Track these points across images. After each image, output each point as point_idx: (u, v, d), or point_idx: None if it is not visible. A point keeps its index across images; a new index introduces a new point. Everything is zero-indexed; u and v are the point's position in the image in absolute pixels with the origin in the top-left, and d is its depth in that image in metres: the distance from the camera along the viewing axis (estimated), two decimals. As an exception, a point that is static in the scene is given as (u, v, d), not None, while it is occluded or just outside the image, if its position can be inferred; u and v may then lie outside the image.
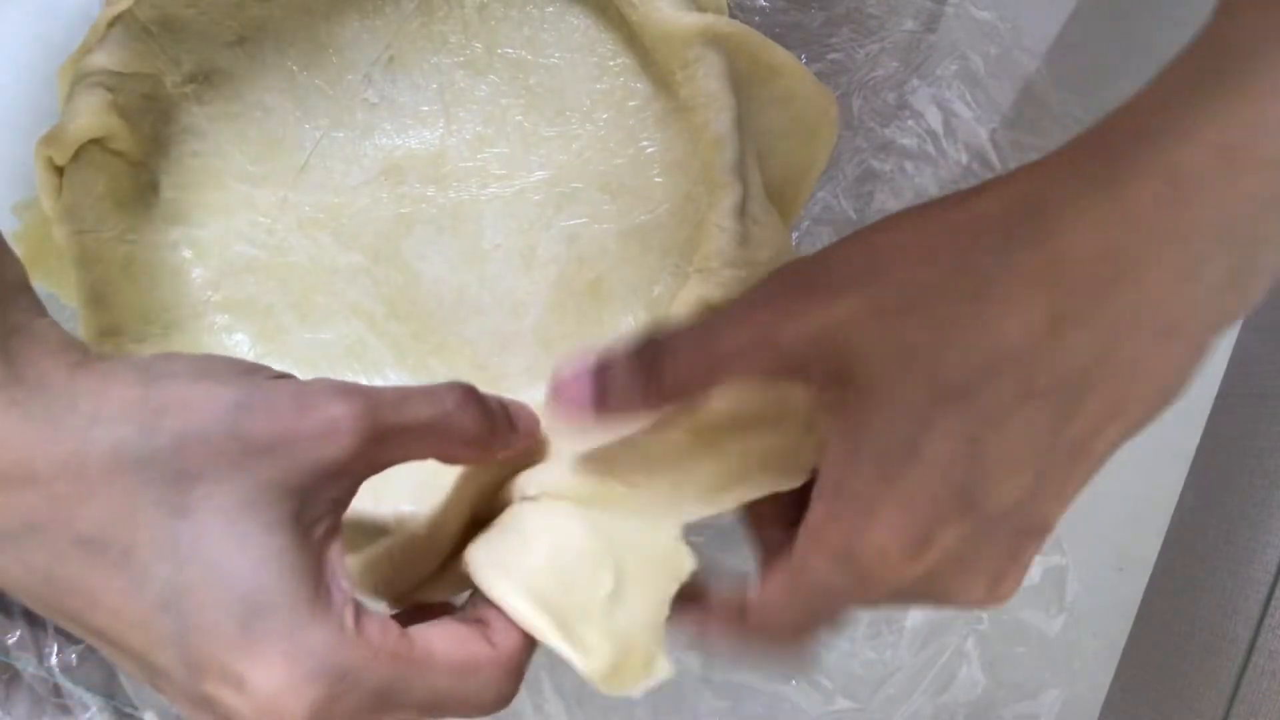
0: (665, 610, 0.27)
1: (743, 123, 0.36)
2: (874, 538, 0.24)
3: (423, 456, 0.27)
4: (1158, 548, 0.44)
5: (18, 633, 0.45)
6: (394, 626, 0.25)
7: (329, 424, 0.24)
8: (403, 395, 0.26)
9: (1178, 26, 0.29)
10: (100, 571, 0.22)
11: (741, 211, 0.35)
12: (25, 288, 0.25)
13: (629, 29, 0.38)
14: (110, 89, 0.37)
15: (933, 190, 0.43)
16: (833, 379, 0.25)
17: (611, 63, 0.39)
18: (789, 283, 0.26)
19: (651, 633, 0.27)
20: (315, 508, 0.25)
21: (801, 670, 0.29)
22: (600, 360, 0.27)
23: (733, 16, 0.38)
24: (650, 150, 0.39)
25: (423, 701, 0.24)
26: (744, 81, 0.37)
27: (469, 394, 0.28)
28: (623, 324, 0.39)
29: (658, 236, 0.39)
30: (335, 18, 0.40)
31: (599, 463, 0.29)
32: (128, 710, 0.45)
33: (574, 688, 0.43)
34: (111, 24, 0.37)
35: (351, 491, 0.26)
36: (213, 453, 0.23)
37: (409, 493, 0.37)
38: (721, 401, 0.28)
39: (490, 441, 0.28)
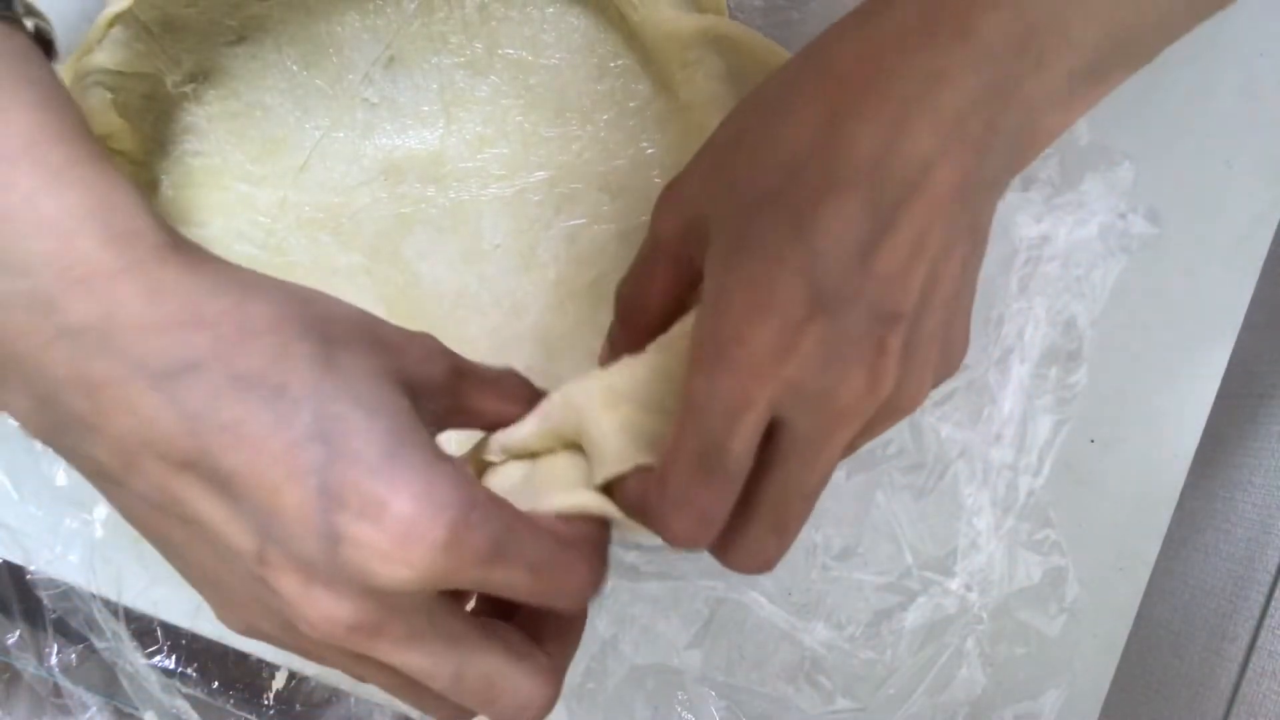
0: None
1: (743, 123, 0.36)
2: (738, 331, 0.25)
3: (485, 414, 0.31)
4: (1158, 548, 0.44)
5: (17, 633, 0.45)
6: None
7: (429, 348, 0.29)
8: (481, 371, 0.31)
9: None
10: (252, 406, 0.24)
11: (741, 212, 0.35)
12: None
13: (629, 30, 0.38)
14: (111, 88, 0.37)
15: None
16: (701, 248, 0.28)
17: (612, 64, 0.39)
18: (660, 198, 0.31)
19: None
20: (421, 413, 0.27)
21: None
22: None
23: (732, 17, 0.38)
24: (650, 151, 0.39)
25: (531, 561, 0.26)
26: (744, 82, 0.37)
27: (518, 379, 0.33)
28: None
29: (658, 237, 0.39)
30: (335, 17, 0.40)
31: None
32: (128, 710, 0.45)
33: (572, 687, 0.43)
34: (112, 23, 0.37)
35: (438, 420, 0.29)
36: (353, 336, 0.26)
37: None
38: (622, 374, 0.31)
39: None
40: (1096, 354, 0.42)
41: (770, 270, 0.25)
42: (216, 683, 0.45)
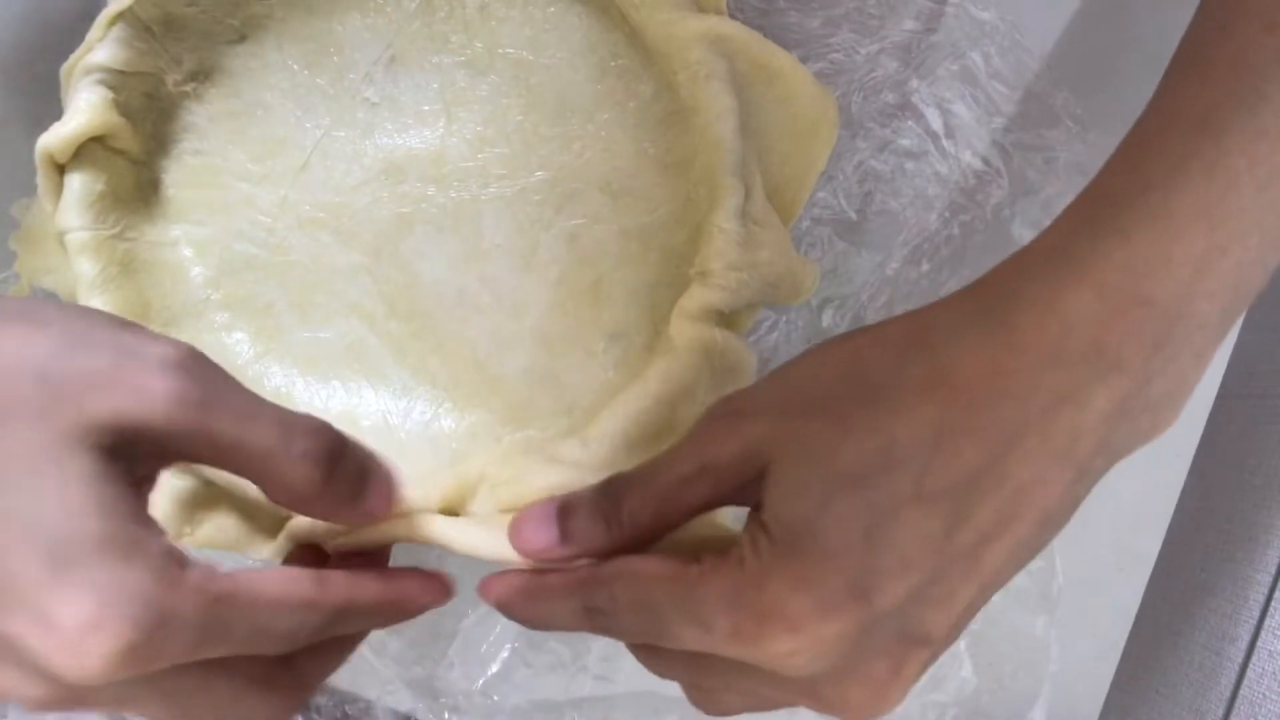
0: None
1: (744, 124, 0.36)
2: (765, 597, 0.25)
3: (248, 478, 0.27)
4: (1158, 548, 0.44)
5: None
6: (216, 572, 0.25)
7: (143, 387, 0.24)
8: (253, 409, 0.26)
9: (1179, 26, 0.29)
10: None
11: (742, 213, 0.35)
12: None
13: (630, 30, 0.38)
14: (112, 87, 0.37)
15: (932, 190, 0.43)
16: (755, 484, 0.27)
17: (613, 63, 0.39)
18: (719, 414, 0.28)
19: None
20: (125, 459, 0.24)
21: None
22: (563, 504, 0.29)
23: (732, 16, 0.38)
24: (651, 151, 0.39)
25: (243, 636, 0.25)
26: (744, 83, 0.37)
27: (320, 447, 0.27)
28: (623, 325, 0.39)
29: (658, 238, 0.39)
30: (337, 17, 0.40)
31: None
32: (128, 709, 0.45)
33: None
34: (113, 22, 0.38)
35: (170, 455, 0.26)
36: (18, 397, 0.23)
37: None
38: None
39: (314, 506, 0.28)
40: (1097, 354, 0.42)
41: (827, 569, 0.24)
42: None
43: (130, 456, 0.25)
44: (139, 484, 0.25)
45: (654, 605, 0.27)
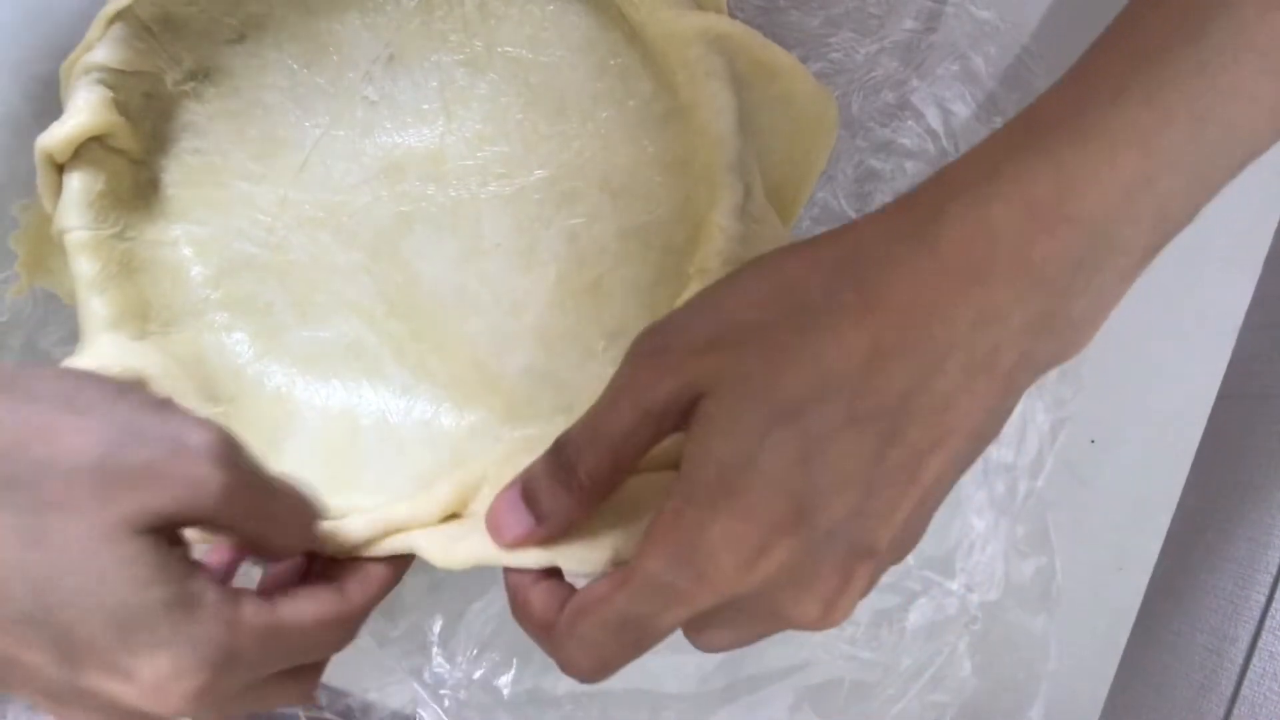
0: None
1: (743, 123, 0.36)
2: (712, 538, 0.26)
3: (261, 534, 0.29)
4: (1158, 548, 0.44)
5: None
6: (265, 606, 0.28)
7: (198, 480, 0.26)
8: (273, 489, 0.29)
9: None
10: None
11: (742, 212, 0.35)
12: None
13: (629, 28, 0.38)
14: (111, 86, 0.37)
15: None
16: (685, 412, 0.27)
17: (612, 62, 0.39)
18: (648, 351, 0.28)
19: None
20: (173, 535, 0.27)
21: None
22: (525, 487, 0.31)
23: (732, 15, 0.38)
24: (651, 150, 0.39)
25: (292, 656, 0.29)
26: (744, 82, 0.37)
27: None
28: (622, 323, 0.39)
29: (658, 236, 0.39)
30: (336, 15, 0.40)
31: None
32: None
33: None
34: (112, 21, 0.38)
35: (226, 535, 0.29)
36: (72, 486, 0.24)
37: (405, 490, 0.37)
38: None
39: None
40: (1096, 354, 0.42)
41: (768, 496, 0.25)
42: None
43: (172, 535, 0.27)
44: (187, 548, 0.28)
45: (622, 618, 0.28)
